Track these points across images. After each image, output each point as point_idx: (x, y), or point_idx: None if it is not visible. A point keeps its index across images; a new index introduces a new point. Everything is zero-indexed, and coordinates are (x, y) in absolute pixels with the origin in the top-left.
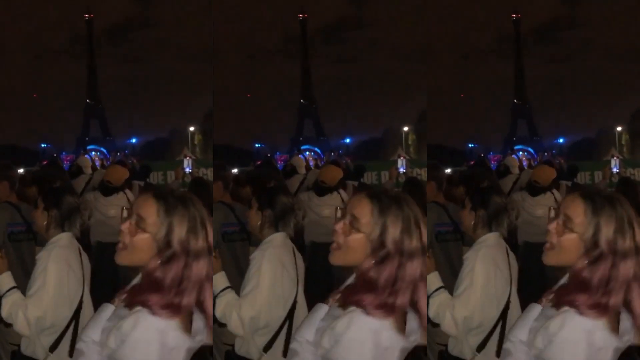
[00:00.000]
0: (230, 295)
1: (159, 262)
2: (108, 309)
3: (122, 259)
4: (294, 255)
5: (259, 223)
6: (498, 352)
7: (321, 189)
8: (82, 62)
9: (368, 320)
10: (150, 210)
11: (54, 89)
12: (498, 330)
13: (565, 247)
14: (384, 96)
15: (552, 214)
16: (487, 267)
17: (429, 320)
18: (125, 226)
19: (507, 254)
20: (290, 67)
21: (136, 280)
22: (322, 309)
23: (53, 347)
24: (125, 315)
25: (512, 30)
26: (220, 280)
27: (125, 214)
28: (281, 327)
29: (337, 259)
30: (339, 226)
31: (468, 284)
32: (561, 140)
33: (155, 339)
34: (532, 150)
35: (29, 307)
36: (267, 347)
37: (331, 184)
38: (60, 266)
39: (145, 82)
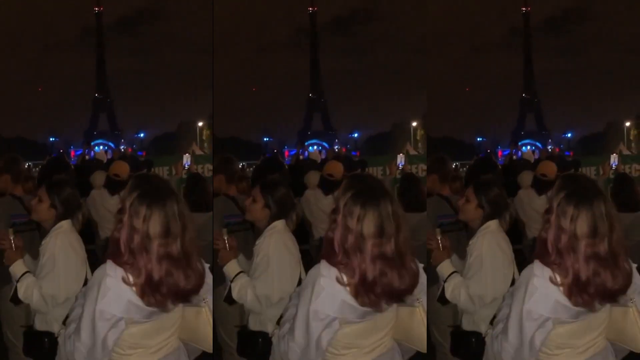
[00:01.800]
0: (244, 278)
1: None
2: None
3: None
4: (294, 242)
5: (264, 218)
6: None
7: (328, 184)
8: (91, 55)
9: (331, 269)
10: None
11: (63, 82)
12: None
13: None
14: (393, 90)
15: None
16: (492, 249)
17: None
18: None
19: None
20: (300, 60)
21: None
22: None
23: (65, 320)
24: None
25: (521, 24)
26: (233, 267)
27: None
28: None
29: None
30: None
31: (478, 266)
32: (569, 135)
33: (116, 285)
34: (539, 145)
35: (43, 286)
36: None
37: (338, 177)
38: (65, 248)
39: (154, 76)
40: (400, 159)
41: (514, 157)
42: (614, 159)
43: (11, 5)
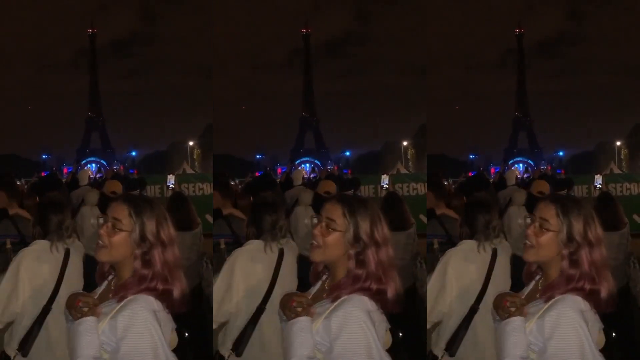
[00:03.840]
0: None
1: (140, 256)
2: (91, 323)
3: (103, 256)
4: (278, 264)
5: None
6: (452, 352)
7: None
8: (84, 75)
9: (364, 300)
10: (123, 213)
11: (57, 101)
12: (461, 331)
13: (544, 244)
14: (384, 110)
15: (529, 219)
16: (440, 274)
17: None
18: (103, 230)
19: (493, 263)
20: (293, 80)
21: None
22: (305, 324)
23: (21, 347)
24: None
25: (515, 45)
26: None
27: (101, 220)
28: (245, 329)
29: (318, 256)
30: (317, 229)
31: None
32: (561, 153)
33: (151, 319)
34: (532, 162)
35: None
36: (235, 347)
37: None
38: (15, 272)
39: (146, 96)
40: (384, 180)
41: (504, 176)
42: (597, 179)
43: (6, 26)
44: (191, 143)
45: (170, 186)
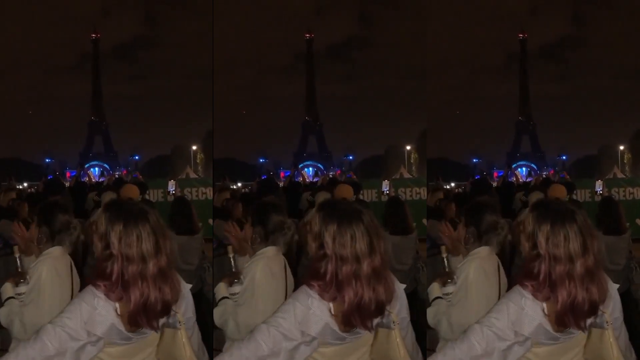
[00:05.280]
0: (227, 304)
1: (102, 256)
2: None
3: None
4: (285, 269)
5: (251, 238)
6: None
7: None
8: (87, 79)
9: (309, 290)
10: (100, 217)
11: (60, 105)
12: None
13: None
14: (387, 114)
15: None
16: (479, 277)
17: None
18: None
19: (498, 269)
20: (296, 84)
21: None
22: None
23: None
24: None
25: (518, 49)
26: (220, 289)
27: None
28: None
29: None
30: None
31: (463, 294)
32: (564, 157)
33: (90, 298)
34: (535, 166)
35: (25, 314)
36: None
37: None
38: (52, 275)
39: (149, 100)
40: (385, 185)
41: (508, 179)
42: (599, 185)
43: (10, 31)
44: (194, 147)
45: (172, 191)
